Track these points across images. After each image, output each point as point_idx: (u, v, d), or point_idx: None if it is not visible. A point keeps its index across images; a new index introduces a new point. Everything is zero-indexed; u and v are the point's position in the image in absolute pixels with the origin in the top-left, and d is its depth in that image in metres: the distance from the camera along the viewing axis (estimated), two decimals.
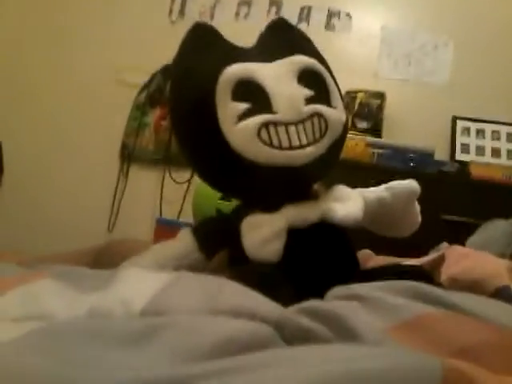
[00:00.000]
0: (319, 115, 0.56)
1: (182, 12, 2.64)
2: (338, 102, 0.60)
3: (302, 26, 2.47)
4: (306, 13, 2.53)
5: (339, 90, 0.61)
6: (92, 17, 2.71)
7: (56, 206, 2.50)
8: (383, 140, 2.18)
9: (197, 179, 0.68)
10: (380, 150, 2.06)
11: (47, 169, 2.55)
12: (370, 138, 2.11)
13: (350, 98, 2.25)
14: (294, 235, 0.55)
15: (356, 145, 2.02)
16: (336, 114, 0.58)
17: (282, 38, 0.63)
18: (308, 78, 0.57)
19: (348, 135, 2.14)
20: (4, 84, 2.67)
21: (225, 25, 2.29)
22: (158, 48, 2.11)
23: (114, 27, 2.67)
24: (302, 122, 0.55)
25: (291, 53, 0.58)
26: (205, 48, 0.60)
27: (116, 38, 2.65)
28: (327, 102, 0.58)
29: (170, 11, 2.65)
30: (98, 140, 2.53)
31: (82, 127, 2.57)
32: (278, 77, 0.56)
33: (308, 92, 0.56)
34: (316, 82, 0.58)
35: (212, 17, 2.59)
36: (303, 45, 0.63)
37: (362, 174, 1.74)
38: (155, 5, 2.66)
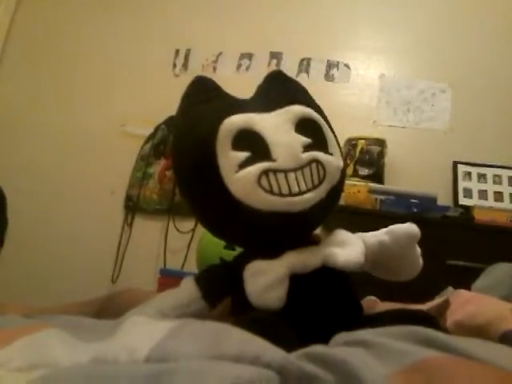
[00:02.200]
0: (317, 162, 0.58)
1: (185, 65, 2.73)
2: (335, 149, 0.62)
3: (302, 77, 2.55)
4: (305, 64, 2.61)
5: (336, 138, 0.63)
6: (97, 69, 2.80)
7: (60, 257, 2.50)
8: (385, 186, 2.19)
9: (201, 229, 0.69)
10: (383, 196, 2.07)
11: (51, 219, 2.57)
12: (372, 185, 2.12)
13: (350, 145, 2.28)
14: (297, 281, 0.56)
15: (358, 191, 2.04)
16: (333, 160, 0.60)
17: (280, 89, 0.65)
18: (305, 126, 0.59)
19: (350, 182, 2.15)
20: (8, 135, 2.73)
21: (227, 77, 2.38)
22: (162, 100, 2.17)
23: (119, 79, 2.76)
24: (301, 168, 0.56)
25: (288, 103, 0.60)
26: (205, 100, 0.62)
27: (121, 90, 2.73)
28: (324, 149, 0.60)
29: (174, 65, 2.74)
30: (103, 191, 2.56)
31: (86, 178, 2.61)
32: (277, 126, 0.58)
33: (305, 140, 0.58)
34: (313, 130, 0.60)
35: (214, 70, 2.67)
36: (300, 95, 0.66)
37: (366, 220, 1.74)
38: (159, 58, 2.75)
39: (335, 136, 0.63)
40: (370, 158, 2.27)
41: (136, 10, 2.86)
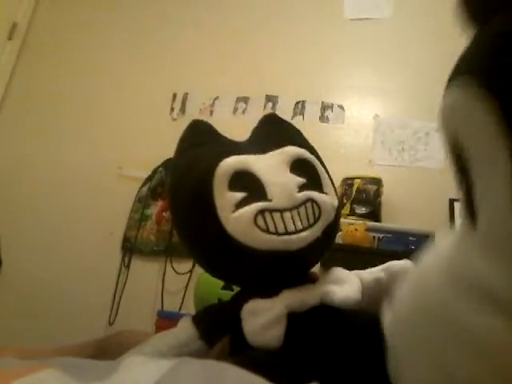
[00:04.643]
0: (312, 201, 0.59)
1: (182, 109, 2.77)
2: (330, 188, 0.63)
3: (298, 119, 2.59)
4: (300, 107, 2.65)
5: (330, 177, 0.65)
6: (95, 111, 2.83)
7: (56, 300, 2.47)
8: (383, 224, 2.19)
9: (198, 270, 0.70)
10: (380, 235, 2.07)
11: (48, 261, 2.56)
12: (369, 223, 2.12)
13: (347, 184, 2.30)
14: (294, 319, 0.56)
15: (356, 230, 2.04)
16: (328, 199, 0.61)
17: (274, 131, 0.67)
18: (300, 166, 0.61)
19: (347, 221, 2.12)
20: (6, 181, 2.74)
21: (224, 120, 2.41)
22: (160, 143, 2.19)
23: (117, 122, 2.79)
24: (296, 208, 0.58)
25: (283, 144, 0.62)
26: (201, 143, 0.64)
27: (119, 133, 2.76)
28: (319, 188, 0.61)
29: (172, 108, 2.78)
30: (101, 232, 2.56)
31: (84, 220, 2.61)
32: (272, 167, 0.59)
33: (300, 180, 0.60)
34: (307, 171, 0.62)
35: (211, 113, 2.71)
36: (293, 136, 0.68)
37: (364, 259, 1.73)
38: (157, 103, 2.79)
39: (329, 175, 0.65)
40: (366, 196, 2.27)
41: (135, 54, 2.93)
